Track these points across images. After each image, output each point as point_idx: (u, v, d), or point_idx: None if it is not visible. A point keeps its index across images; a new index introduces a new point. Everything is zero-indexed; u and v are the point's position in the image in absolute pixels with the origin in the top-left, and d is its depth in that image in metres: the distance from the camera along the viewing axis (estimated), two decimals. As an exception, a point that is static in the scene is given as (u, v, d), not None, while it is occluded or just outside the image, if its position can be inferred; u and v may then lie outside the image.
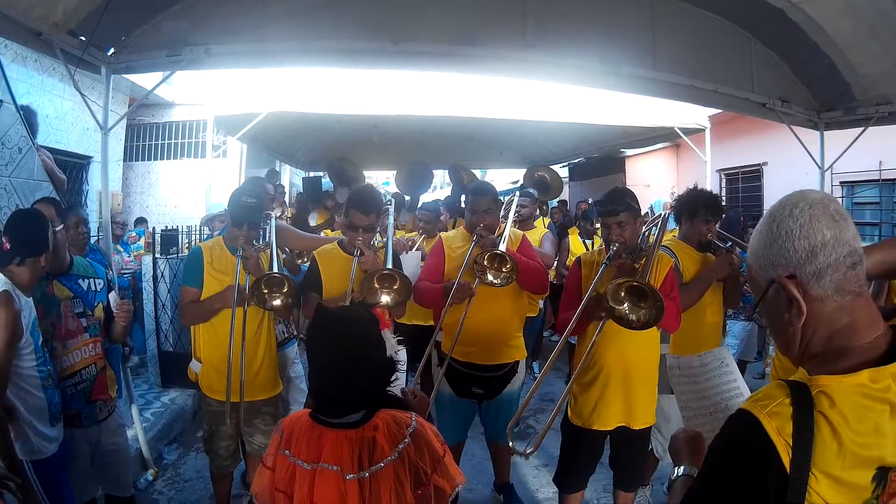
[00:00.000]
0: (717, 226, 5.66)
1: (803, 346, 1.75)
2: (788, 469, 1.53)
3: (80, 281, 4.56)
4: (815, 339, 1.72)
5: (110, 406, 4.63)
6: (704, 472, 1.74)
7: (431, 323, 6.28)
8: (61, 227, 4.43)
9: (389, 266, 4.90)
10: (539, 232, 8.35)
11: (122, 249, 10.21)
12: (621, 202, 4.68)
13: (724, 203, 6.06)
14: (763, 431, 1.56)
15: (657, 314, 4.16)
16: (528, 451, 4.77)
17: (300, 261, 6.34)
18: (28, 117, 7.09)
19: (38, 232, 3.90)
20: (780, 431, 1.55)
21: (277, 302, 4.89)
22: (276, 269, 4.93)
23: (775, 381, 1.74)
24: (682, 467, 2.22)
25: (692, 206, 5.58)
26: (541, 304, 9.03)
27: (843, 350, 1.67)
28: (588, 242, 9.63)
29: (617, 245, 4.60)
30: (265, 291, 4.83)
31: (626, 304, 4.28)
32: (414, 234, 7.74)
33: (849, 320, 1.68)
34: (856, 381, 1.59)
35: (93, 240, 6.47)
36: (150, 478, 6.22)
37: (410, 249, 6.80)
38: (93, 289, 4.61)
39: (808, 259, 1.67)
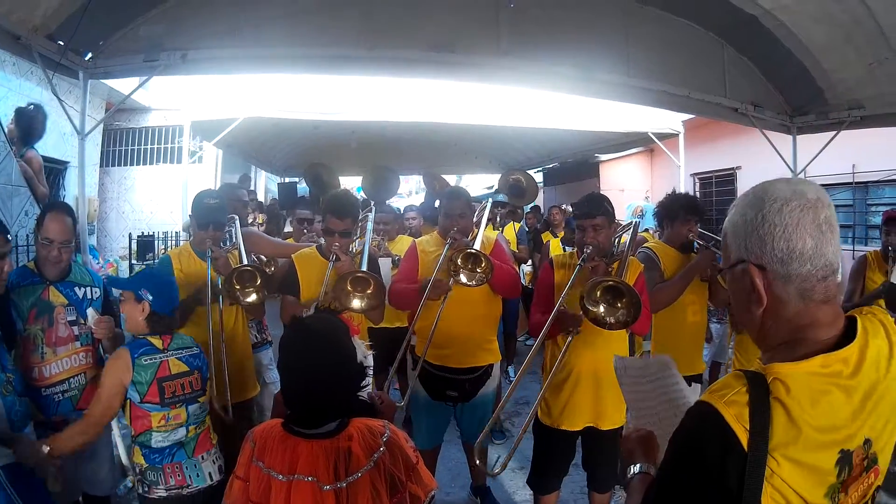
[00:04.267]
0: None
1: (762, 332, 1.80)
2: (747, 449, 1.55)
3: (77, 289, 4.57)
4: (773, 332, 1.77)
5: None
6: (666, 463, 1.76)
7: (399, 325, 6.31)
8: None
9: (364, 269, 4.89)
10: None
11: (90, 258, 10.16)
12: (598, 206, 4.75)
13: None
14: (722, 419, 1.59)
15: (635, 312, 4.21)
16: (496, 472, 4.79)
17: (269, 269, 6.32)
18: (35, 118, 7.12)
19: None
20: (738, 418, 1.58)
21: (252, 297, 4.94)
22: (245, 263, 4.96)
23: (731, 372, 1.78)
24: (637, 465, 2.25)
25: (671, 209, 5.67)
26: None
27: (798, 342, 1.71)
28: (569, 249, 9.70)
29: (591, 248, 4.65)
30: (237, 287, 4.87)
31: (602, 306, 4.33)
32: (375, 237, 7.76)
33: (808, 322, 1.72)
34: (808, 368, 1.64)
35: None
36: (130, 484, 6.18)
37: (378, 252, 6.80)
38: (88, 297, 4.61)
39: (780, 261, 1.69)
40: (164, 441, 3.81)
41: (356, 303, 4.83)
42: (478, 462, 4.74)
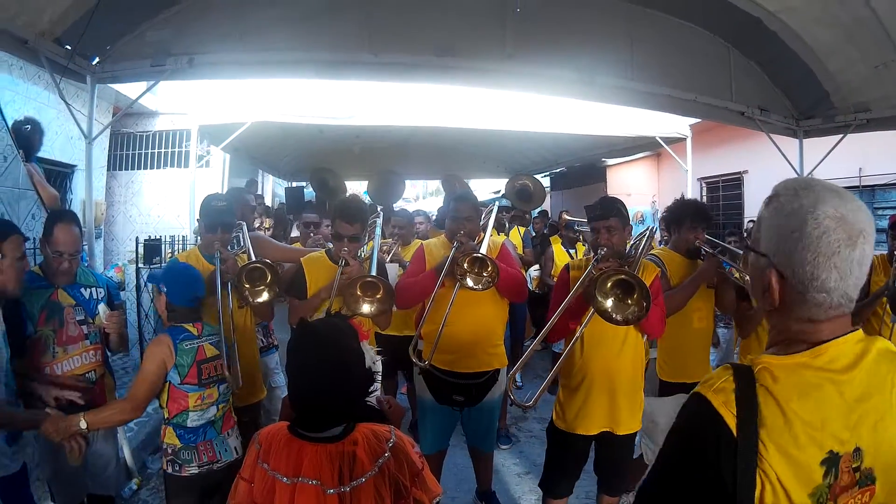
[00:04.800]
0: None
1: (772, 322, 1.83)
2: (735, 433, 1.59)
3: (83, 290, 4.66)
4: (777, 328, 1.81)
5: None
6: (663, 452, 1.79)
7: (408, 332, 6.29)
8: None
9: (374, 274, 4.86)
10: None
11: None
12: (612, 208, 4.77)
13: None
14: (712, 407, 1.64)
15: (646, 308, 4.20)
16: (528, 404, 4.74)
17: None
18: (31, 136, 7.14)
19: None
20: (726, 404, 1.63)
21: (264, 296, 4.93)
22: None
23: (723, 365, 1.79)
24: None
25: (678, 215, 5.64)
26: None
27: (796, 342, 1.73)
28: (571, 251, 9.69)
29: (605, 249, 4.65)
30: (247, 286, 4.87)
31: (611, 300, 4.32)
32: (388, 240, 7.73)
33: (811, 331, 1.73)
34: (798, 359, 1.67)
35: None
36: (135, 486, 6.20)
37: (386, 256, 6.79)
38: (94, 297, 4.70)
39: (801, 282, 1.70)
40: (199, 420, 4.16)
41: (366, 307, 4.81)
42: (511, 396, 4.68)
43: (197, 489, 4.19)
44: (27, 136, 7.36)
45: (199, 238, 5.84)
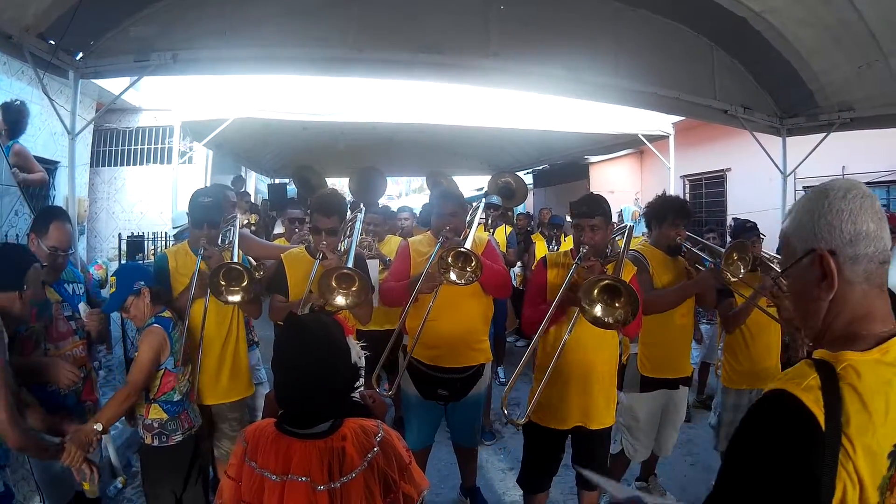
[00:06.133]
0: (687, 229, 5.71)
1: (826, 322, 1.84)
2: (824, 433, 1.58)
3: (66, 286, 4.73)
4: (838, 321, 1.82)
5: (94, 408, 4.68)
6: (740, 454, 1.73)
7: (389, 327, 6.28)
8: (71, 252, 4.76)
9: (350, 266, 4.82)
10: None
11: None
12: (597, 206, 4.79)
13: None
14: (804, 406, 1.61)
15: (633, 311, 4.23)
16: (521, 421, 4.76)
17: (257, 273, 6.29)
18: (21, 112, 7.11)
19: (12, 269, 3.79)
20: (817, 402, 1.61)
21: (236, 297, 4.89)
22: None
23: (802, 361, 1.79)
24: None
25: (660, 211, 5.65)
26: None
27: (856, 337, 1.76)
28: (553, 248, 9.71)
29: (587, 248, 4.66)
30: (223, 284, 4.84)
31: (599, 306, 4.33)
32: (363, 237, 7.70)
33: (868, 311, 1.78)
34: (873, 356, 1.69)
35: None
36: (120, 485, 6.16)
37: (368, 252, 6.78)
38: (77, 293, 4.77)
39: (849, 242, 1.78)
40: (180, 395, 4.54)
41: (340, 299, 4.74)
42: (505, 411, 4.68)
43: (185, 458, 4.57)
44: (17, 112, 7.34)
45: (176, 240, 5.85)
